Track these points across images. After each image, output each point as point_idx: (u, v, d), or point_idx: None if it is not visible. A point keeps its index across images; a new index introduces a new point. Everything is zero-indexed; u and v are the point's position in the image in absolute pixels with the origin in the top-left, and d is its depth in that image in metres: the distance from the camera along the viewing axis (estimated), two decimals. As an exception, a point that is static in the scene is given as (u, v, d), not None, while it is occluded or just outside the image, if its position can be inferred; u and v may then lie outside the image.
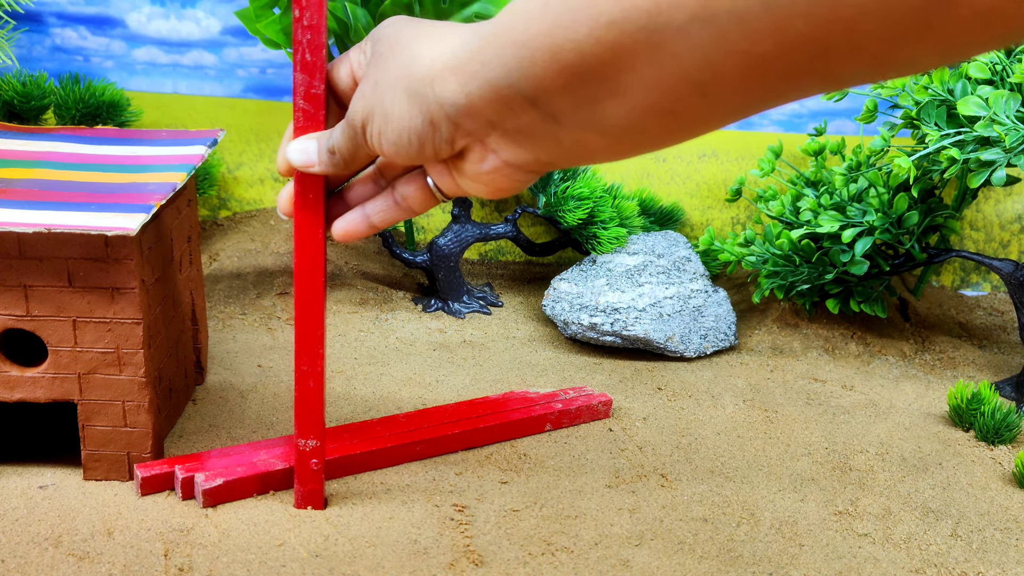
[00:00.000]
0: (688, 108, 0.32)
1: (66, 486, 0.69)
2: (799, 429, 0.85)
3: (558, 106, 0.35)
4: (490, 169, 0.40)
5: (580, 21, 0.31)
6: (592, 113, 0.34)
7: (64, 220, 0.63)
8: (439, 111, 0.39)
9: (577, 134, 0.36)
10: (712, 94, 0.31)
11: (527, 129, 0.37)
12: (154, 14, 1.13)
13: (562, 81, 0.33)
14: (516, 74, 0.35)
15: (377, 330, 1.01)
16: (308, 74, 0.53)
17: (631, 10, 0.30)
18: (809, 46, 0.28)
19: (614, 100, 0.33)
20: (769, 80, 0.30)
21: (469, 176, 0.42)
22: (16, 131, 0.80)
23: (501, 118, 0.37)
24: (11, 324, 0.66)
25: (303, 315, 0.61)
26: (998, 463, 0.81)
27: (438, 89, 0.39)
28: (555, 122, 0.36)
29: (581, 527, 0.69)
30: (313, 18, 0.53)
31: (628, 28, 0.30)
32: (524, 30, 0.34)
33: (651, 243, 1.05)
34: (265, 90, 1.17)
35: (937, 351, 1.04)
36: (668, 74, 0.31)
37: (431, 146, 0.41)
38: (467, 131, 0.39)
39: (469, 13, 1.05)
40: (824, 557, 0.67)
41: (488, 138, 0.39)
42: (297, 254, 0.59)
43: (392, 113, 0.42)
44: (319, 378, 0.63)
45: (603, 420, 0.84)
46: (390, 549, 0.64)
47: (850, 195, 0.99)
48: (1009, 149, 0.84)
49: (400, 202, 0.51)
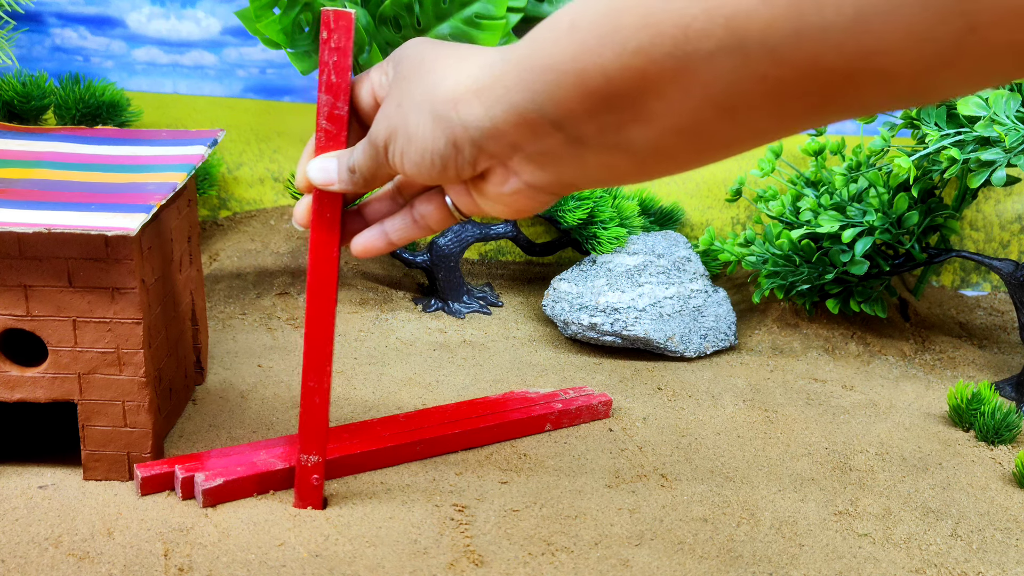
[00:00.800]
0: (715, 133, 0.32)
1: (66, 486, 0.69)
2: (799, 429, 0.85)
3: (584, 130, 0.35)
4: (512, 191, 0.41)
5: (607, 47, 0.31)
6: (618, 136, 0.34)
7: (64, 220, 0.63)
8: (463, 133, 0.39)
9: (603, 157, 0.36)
10: (739, 120, 0.31)
11: (552, 152, 0.37)
12: (154, 14, 1.13)
13: (588, 105, 0.34)
14: (542, 98, 0.35)
15: (377, 330, 1.01)
16: (332, 95, 0.54)
17: (658, 37, 0.30)
18: (839, 77, 0.28)
19: (640, 124, 0.33)
20: (797, 107, 0.30)
21: (490, 197, 0.42)
22: (16, 131, 0.80)
23: (525, 141, 0.37)
24: (11, 324, 0.66)
25: (313, 332, 0.61)
26: (998, 463, 0.81)
27: (462, 112, 0.39)
28: (580, 145, 0.36)
29: (581, 527, 0.69)
30: (341, 40, 0.53)
31: (655, 55, 0.30)
32: (550, 55, 0.34)
33: (651, 243, 1.06)
34: (265, 90, 1.17)
35: (937, 351, 1.04)
36: (695, 99, 0.31)
37: (454, 167, 0.41)
38: (491, 154, 0.39)
39: (469, 13, 1.05)
40: (824, 557, 0.67)
41: (511, 160, 0.39)
42: (311, 271, 0.59)
43: (415, 134, 0.42)
44: (325, 395, 0.63)
45: (603, 420, 0.84)
46: (390, 549, 0.64)
47: (850, 195, 0.99)
48: (1009, 149, 0.84)
49: (418, 220, 0.51)
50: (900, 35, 0.26)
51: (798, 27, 0.27)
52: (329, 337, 0.62)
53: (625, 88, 0.32)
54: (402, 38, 1.07)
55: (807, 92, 0.29)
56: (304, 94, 1.17)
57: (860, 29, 0.26)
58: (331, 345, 0.62)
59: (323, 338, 0.62)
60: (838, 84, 0.28)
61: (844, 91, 0.29)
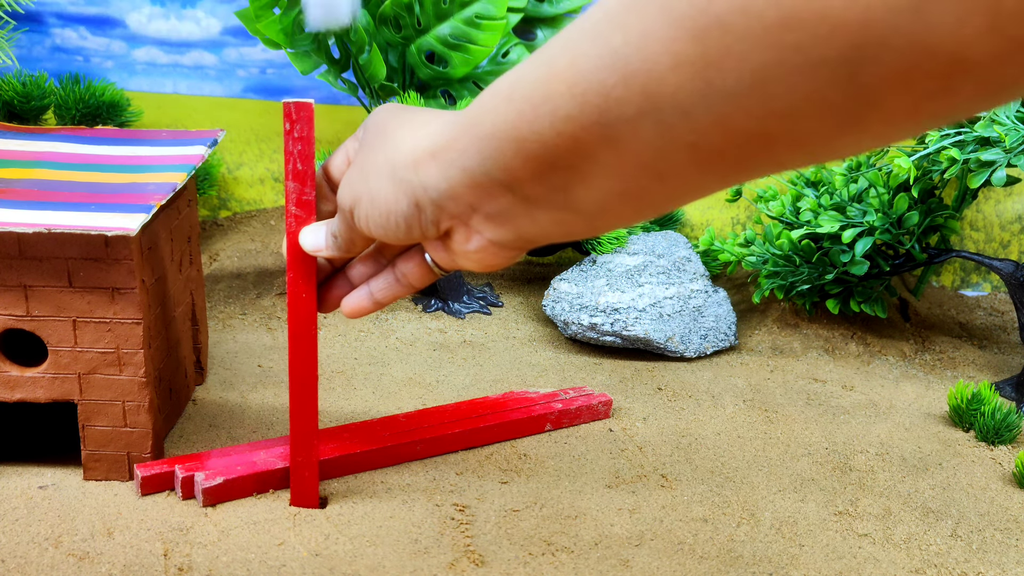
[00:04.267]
0: (650, 193, 0.34)
1: (66, 486, 0.69)
2: (799, 429, 0.85)
3: (530, 191, 0.36)
4: (477, 248, 0.42)
5: (541, 115, 0.33)
6: (565, 196, 0.36)
7: (64, 220, 0.63)
8: (423, 194, 0.41)
9: (553, 215, 0.37)
10: (670, 181, 0.33)
11: (506, 212, 0.39)
12: (154, 14, 1.13)
13: (530, 169, 0.35)
14: (489, 163, 0.37)
15: (377, 330, 1.01)
16: (300, 182, 0.57)
17: (585, 105, 0.31)
18: (753, 139, 0.29)
19: (582, 185, 0.35)
20: (720, 168, 0.31)
21: (458, 255, 0.44)
22: (16, 131, 0.80)
23: (480, 202, 0.39)
24: (11, 324, 0.66)
25: (297, 399, 0.64)
26: (998, 463, 0.81)
27: (421, 174, 0.41)
28: (531, 204, 0.37)
29: (581, 527, 0.69)
30: (303, 130, 0.57)
31: (584, 122, 0.32)
32: (492, 123, 0.36)
33: (651, 243, 1.06)
34: (265, 90, 1.17)
35: (937, 351, 1.04)
36: (627, 163, 0.32)
37: (418, 227, 0.43)
38: (451, 213, 0.41)
39: (470, 14, 1.05)
40: (824, 557, 0.67)
41: (471, 220, 0.41)
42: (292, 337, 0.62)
43: (378, 197, 0.44)
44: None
45: (603, 420, 0.84)
46: (390, 548, 0.64)
47: (850, 195, 0.99)
48: (1009, 149, 0.84)
49: (400, 279, 0.54)
50: (799, 99, 0.27)
51: (705, 91, 0.28)
52: (314, 398, 0.65)
53: (561, 153, 0.34)
54: (402, 38, 1.07)
55: (726, 153, 0.30)
56: (304, 94, 1.17)
57: (761, 93, 0.27)
58: (316, 407, 0.65)
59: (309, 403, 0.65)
60: (753, 145, 0.29)
61: (760, 153, 0.30)
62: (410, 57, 1.08)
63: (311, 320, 0.61)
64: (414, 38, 1.07)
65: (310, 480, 0.67)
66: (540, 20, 1.15)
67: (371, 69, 1.03)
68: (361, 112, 1.17)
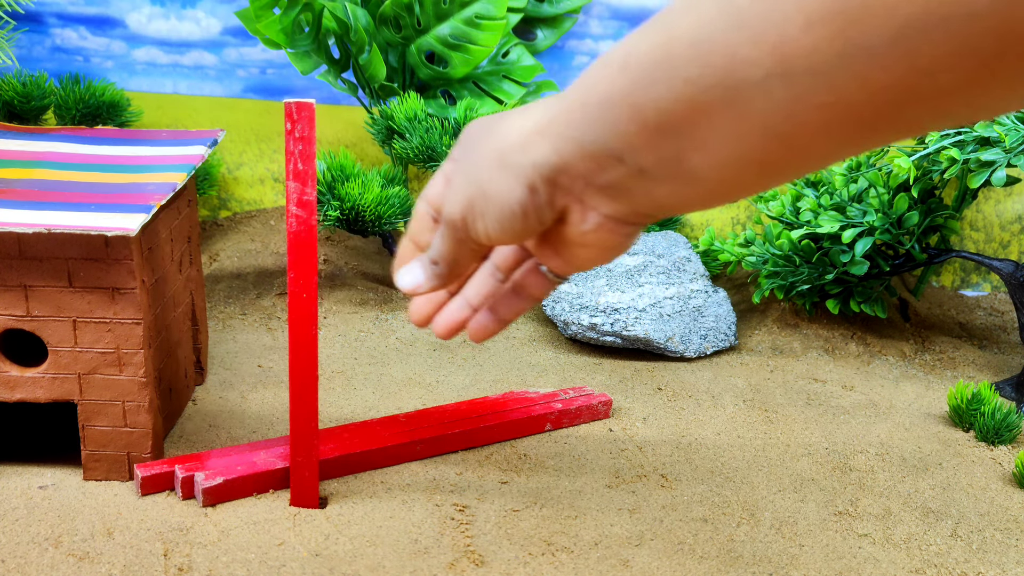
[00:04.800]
0: (773, 158, 0.33)
1: (66, 486, 0.69)
2: (799, 429, 0.85)
3: (644, 160, 0.36)
4: (593, 227, 0.41)
5: (658, 79, 0.33)
6: (679, 166, 0.35)
7: (64, 220, 0.63)
8: (534, 172, 0.40)
9: (668, 186, 0.37)
10: (796, 145, 0.32)
11: (619, 183, 0.38)
12: (154, 14, 1.13)
13: (645, 137, 0.35)
14: (601, 131, 0.36)
15: (377, 330, 1.01)
16: (300, 182, 0.57)
17: (707, 67, 0.31)
18: (890, 96, 0.29)
19: (698, 153, 0.34)
20: (851, 130, 0.31)
21: (576, 242, 0.43)
22: (16, 131, 0.80)
23: (593, 174, 0.39)
24: (11, 324, 0.66)
25: (297, 399, 0.65)
26: (998, 463, 0.81)
27: (530, 152, 0.40)
28: (644, 176, 0.37)
29: (581, 527, 0.69)
30: (304, 130, 0.57)
31: (704, 84, 0.31)
32: (605, 91, 0.35)
33: (651, 243, 1.05)
34: (265, 90, 1.17)
35: (937, 351, 1.04)
36: (749, 127, 0.32)
37: (534, 214, 0.42)
38: (565, 189, 0.40)
39: (470, 14, 1.05)
40: (824, 557, 0.67)
41: (585, 194, 0.40)
42: (292, 354, 0.63)
43: (490, 190, 0.43)
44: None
45: (603, 420, 0.84)
46: (391, 548, 0.64)
47: (850, 195, 0.99)
48: (1009, 149, 0.84)
49: (520, 292, 0.52)
50: (945, 53, 0.27)
51: (843, 50, 0.28)
52: (314, 415, 0.65)
53: (679, 119, 0.33)
54: (402, 38, 1.07)
55: (860, 113, 0.30)
56: (304, 94, 1.17)
57: (906, 49, 0.27)
58: (316, 421, 0.65)
59: (310, 413, 0.65)
60: (889, 103, 0.29)
61: (895, 111, 0.29)
62: (410, 57, 1.08)
63: (311, 320, 0.61)
64: (414, 38, 1.07)
65: (310, 480, 0.67)
66: (540, 20, 1.15)
67: (371, 69, 1.03)
68: (361, 112, 1.17)
